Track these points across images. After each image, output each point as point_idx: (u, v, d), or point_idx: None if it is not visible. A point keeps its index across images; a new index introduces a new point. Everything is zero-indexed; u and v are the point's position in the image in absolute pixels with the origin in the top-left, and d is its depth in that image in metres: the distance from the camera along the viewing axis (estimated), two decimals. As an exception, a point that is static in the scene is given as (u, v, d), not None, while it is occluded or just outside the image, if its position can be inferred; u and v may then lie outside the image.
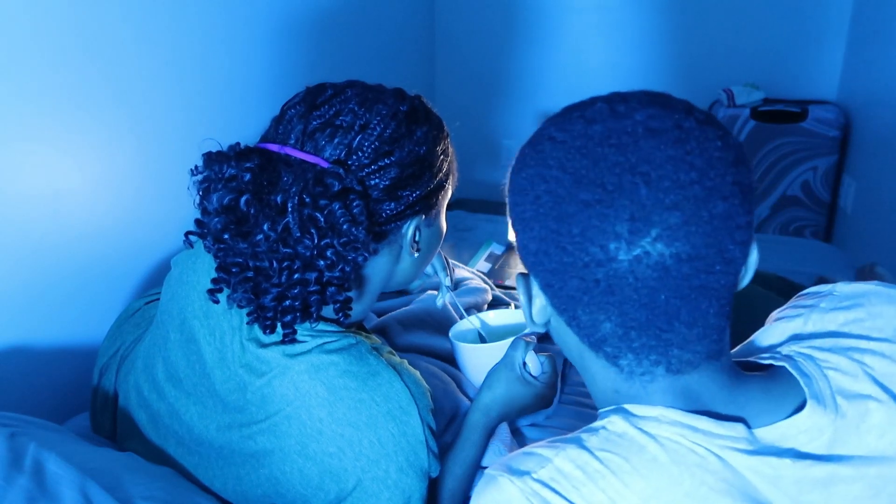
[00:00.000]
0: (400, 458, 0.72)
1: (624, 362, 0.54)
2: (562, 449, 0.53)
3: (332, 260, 0.68)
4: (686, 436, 0.51)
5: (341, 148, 0.71)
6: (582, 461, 0.52)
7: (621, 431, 0.53)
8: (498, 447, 0.94)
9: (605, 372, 0.56)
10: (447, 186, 0.82)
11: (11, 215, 1.01)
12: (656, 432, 0.52)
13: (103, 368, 0.94)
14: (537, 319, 0.59)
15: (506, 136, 2.94)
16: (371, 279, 0.78)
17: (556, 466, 0.52)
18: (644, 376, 0.54)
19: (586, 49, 2.70)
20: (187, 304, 0.80)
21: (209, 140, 0.73)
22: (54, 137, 1.06)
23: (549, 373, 0.91)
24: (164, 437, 0.82)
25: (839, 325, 0.60)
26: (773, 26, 2.45)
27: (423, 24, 2.74)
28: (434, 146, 0.77)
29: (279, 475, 0.73)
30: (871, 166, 2.18)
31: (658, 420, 0.52)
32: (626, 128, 0.50)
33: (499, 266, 1.59)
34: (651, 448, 0.51)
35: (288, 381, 0.72)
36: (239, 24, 1.47)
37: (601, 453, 0.52)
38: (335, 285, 0.70)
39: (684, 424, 0.52)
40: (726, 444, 0.51)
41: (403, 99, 0.77)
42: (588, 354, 0.57)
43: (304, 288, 0.68)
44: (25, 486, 0.64)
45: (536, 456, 0.54)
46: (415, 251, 0.79)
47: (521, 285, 0.59)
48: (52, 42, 1.04)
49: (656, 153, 0.48)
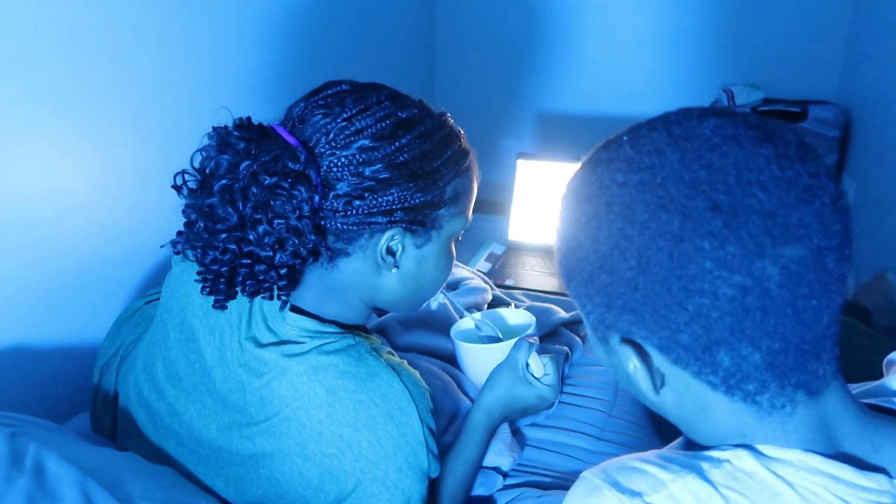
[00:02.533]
0: (399, 458, 0.72)
1: (765, 397, 0.48)
2: (680, 475, 0.47)
3: (259, 235, 0.68)
4: (827, 487, 0.46)
5: (320, 134, 0.71)
6: (703, 495, 0.46)
7: (751, 471, 0.47)
8: (499, 447, 0.94)
9: (733, 416, 0.49)
10: (442, 209, 0.76)
11: (12, 215, 1.01)
12: (793, 479, 0.46)
13: (104, 368, 0.94)
14: (658, 390, 0.51)
15: (506, 136, 2.94)
16: (351, 286, 0.77)
17: (671, 494, 0.46)
18: (784, 409, 0.48)
19: (587, 49, 2.70)
20: (187, 302, 0.80)
21: (222, 109, 0.76)
22: (54, 137, 1.06)
23: (551, 374, 0.91)
24: (164, 437, 0.82)
25: None
26: (773, 26, 2.45)
27: (423, 24, 2.74)
28: (425, 158, 0.73)
29: (278, 476, 0.73)
30: (871, 166, 2.18)
31: (794, 465, 0.47)
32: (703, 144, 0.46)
33: (499, 266, 1.58)
34: (787, 496, 0.46)
35: (287, 382, 0.72)
36: (240, 24, 1.47)
37: (727, 491, 0.46)
38: (265, 264, 0.69)
39: (826, 473, 0.46)
40: (871, 497, 0.46)
41: (408, 107, 0.75)
42: (715, 401, 0.49)
43: (233, 257, 0.69)
44: (26, 486, 0.64)
45: (649, 476, 0.48)
46: (391, 267, 0.76)
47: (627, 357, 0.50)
48: (53, 42, 1.04)
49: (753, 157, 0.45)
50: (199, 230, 0.69)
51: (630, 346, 0.50)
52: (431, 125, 0.75)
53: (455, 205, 0.78)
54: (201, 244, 0.70)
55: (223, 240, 0.68)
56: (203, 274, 0.71)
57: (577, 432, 1.04)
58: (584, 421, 1.06)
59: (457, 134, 0.79)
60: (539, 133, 2.89)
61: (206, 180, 0.69)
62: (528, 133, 2.91)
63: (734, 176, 0.44)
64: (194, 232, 0.70)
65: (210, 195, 0.68)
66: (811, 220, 0.44)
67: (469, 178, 0.79)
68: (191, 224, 0.71)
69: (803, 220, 0.44)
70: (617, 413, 1.08)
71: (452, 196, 0.77)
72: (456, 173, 0.77)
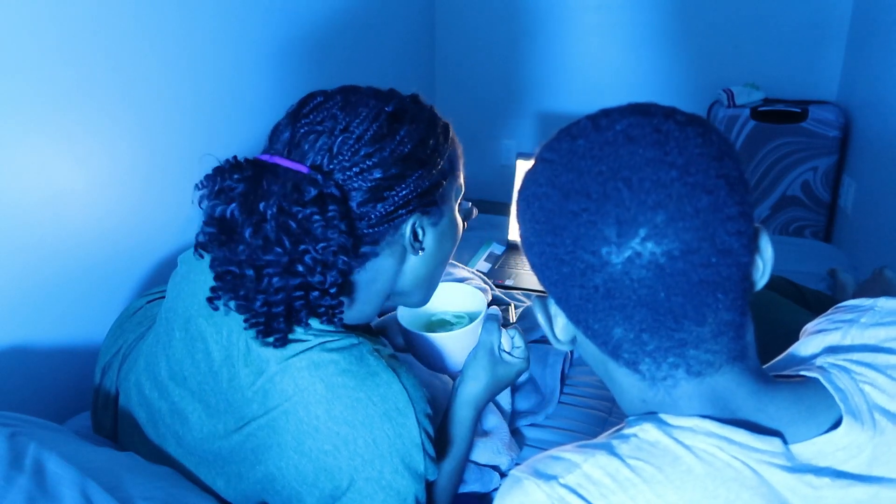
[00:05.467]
0: (395, 459, 0.72)
1: (643, 367, 0.53)
2: (591, 455, 0.52)
3: (309, 265, 0.68)
4: (723, 448, 0.50)
5: (322, 153, 0.72)
6: (612, 468, 0.50)
7: (654, 440, 0.51)
8: (497, 446, 0.94)
9: (628, 380, 0.55)
10: (446, 182, 0.80)
11: (13, 215, 1.01)
12: (692, 443, 0.50)
13: (105, 367, 0.94)
14: (561, 337, 0.58)
15: (506, 136, 2.94)
16: (375, 281, 0.78)
17: (584, 472, 0.51)
18: (666, 381, 0.53)
19: (586, 49, 2.70)
20: (193, 302, 0.80)
21: (207, 156, 0.76)
22: (56, 138, 1.06)
23: (522, 346, 0.91)
24: (164, 437, 0.82)
25: (880, 340, 0.58)
26: (773, 26, 2.45)
27: (423, 24, 2.74)
28: (423, 143, 0.76)
29: (275, 471, 0.74)
30: (871, 166, 2.18)
31: (693, 430, 0.51)
32: (607, 139, 0.51)
33: (499, 266, 1.59)
34: (686, 459, 0.50)
35: (288, 377, 0.73)
36: (242, 25, 1.48)
37: (633, 461, 0.50)
38: (318, 290, 0.70)
39: (721, 436, 0.50)
40: (764, 458, 0.50)
41: (389, 99, 0.76)
42: (611, 365, 0.56)
43: (287, 294, 0.69)
44: (26, 486, 0.64)
45: (564, 460, 0.52)
46: (419, 251, 0.79)
47: (539, 307, 0.59)
48: (56, 43, 1.04)
49: (635, 158, 0.49)
50: (249, 280, 0.69)
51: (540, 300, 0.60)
52: (414, 110, 0.78)
53: (452, 174, 0.81)
54: (245, 292, 0.70)
55: (274, 282, 0.69)
56: (252, 320, 0.71)
57: (576, 432, 1.04)
58: (584, 421, 1.06)
59: (433, 109, 0.81)
60: (539, 133, 2.89)
61: (230, 230, 0.69)
62: (528, 133, 2.91)
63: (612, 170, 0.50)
64: (237, 282, 0.70)
65: (245, 243, 0.68)
66: (664, 224, 0.48)
67: (455, 145, 0.82)
68: (224, 276, 0.71)
69: (656, 221, 0.48)
70: (617, 413, 1.08)
71: (449, 168, 0.80)
72: (446, 146, 0.80)
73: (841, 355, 0.58)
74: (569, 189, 0.51)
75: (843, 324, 0.61)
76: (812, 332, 0.64)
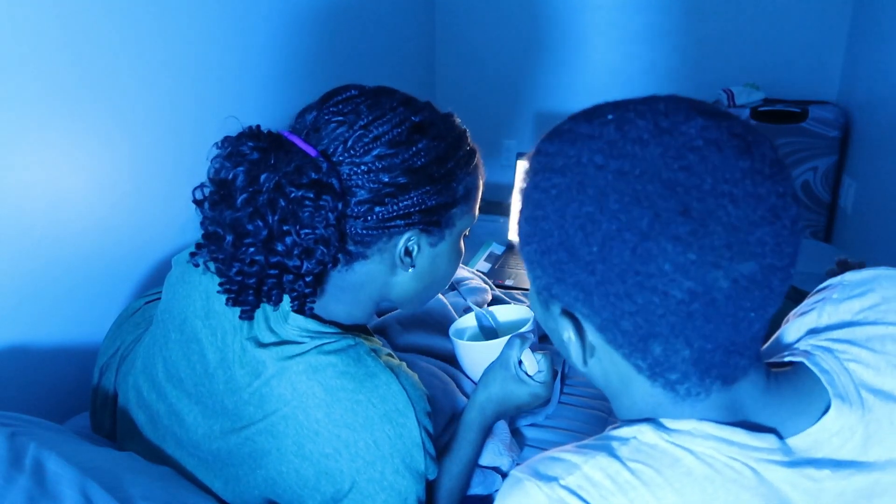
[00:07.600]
0: (396, 459, 0.72)
1: (684, 386, 0.51)
2: (591, 456, 0.51)
3: (288, 247, 0.68)
4: (721, 449, 0.50)
5: (337, 143, 0.72)
6: (612, 470, 0.50)
7: (653, 443, 0.51)
8: (498, 447, 0.94)
9: (651, 396, 0.53)
10: (456, 208, 0.78)
11: (12, 215, 1.01)
12: (691, 446, 0.50)
13: (103, 368, 0.94)
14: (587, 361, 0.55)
15: (506, 136, 2.94)
16: (364, 285, 0.78)
17: (584, 474, 0.50)
18: (698, 396, 0.51)
19: (586, 49, 2.70)
20: (188, 303, 0.80)
21: (231, 118, 0.75)
22: (54, 137, 1.06)
23: (545, 371, 0.91)
24: (163, 437, 0.82)
25: (854, 313, 0.58)
26: (773, 26, 2.45)
27: (423, 24, 2.74)
28: (440, 161, 0.75)
29: (276, 476, 0.73)
30: (871, 166, 2.18)
31: (691, 434, 0.51)
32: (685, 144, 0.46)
33: (499, 266, 1.59)
34: (686, 461, 0.50)
35: (286, 381, 0.72)
36: (238, 25, 1.48)
37: (633, 464, 0.50)
38: (293, 273, 0.70)
39: (718, 438, 0.50)
40: (762, 456, 0.50)
41: (420, 110, 0.75)
42: (637, 381, 0.53)
43: (261, 268, 0.69)
44: (25, 486, 0.64)
45: (564, 461, 0.52)
46: (408, 267, 0.78)
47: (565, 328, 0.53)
48: (53, 42, 1.04)
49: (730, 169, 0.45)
50: (227, 244, 0.69)
51: (569, 319, 0.53)
52: (443, 127, 0.77)
53: (466, 202, 0.80)
54: (224, 256, 0.70)
55: (250, 252, 0.68)
56: (226, 286, 0.71)
57: (576, 432, 1.04)
58: (584, 421, 1.06)
59: (464, 133, 0.80)
60: (539, 133, 2.89)
61: (227, 193, 0.69)
62: (528, 133, 2.91)
63: (710, 184, 0.45)
64: (218, 245, 0.70)
65: (234, 209, 0.68)
66: (770, 240, 0.46)
67: (477, 175, 0.81)
68: (211, 237, 0.70)
69: (763, 238, 0.45)
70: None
71: (464, 194, 0.79)
72: (466, 172, 0.78)
73: (822, 335, 0.58)
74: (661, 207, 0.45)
75: (816, 304, 0.62)
76: (794, 317, 0.64)
